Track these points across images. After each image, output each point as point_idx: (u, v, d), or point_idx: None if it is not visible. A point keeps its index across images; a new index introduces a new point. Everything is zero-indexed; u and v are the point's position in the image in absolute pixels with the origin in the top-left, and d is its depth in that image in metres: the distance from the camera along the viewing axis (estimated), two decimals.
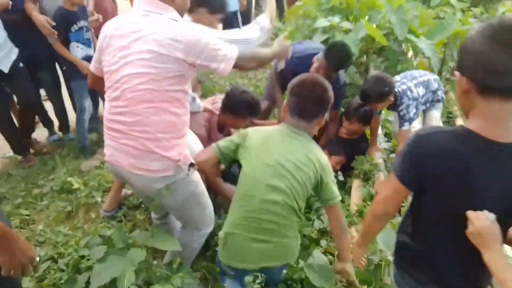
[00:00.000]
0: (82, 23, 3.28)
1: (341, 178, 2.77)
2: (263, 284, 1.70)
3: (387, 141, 3.35)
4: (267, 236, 1.60)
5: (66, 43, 3.23)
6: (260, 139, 1.69)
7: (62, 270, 2.08)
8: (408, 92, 2.58)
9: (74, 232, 2.56)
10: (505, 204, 1.07)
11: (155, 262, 1.83)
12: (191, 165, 1.79)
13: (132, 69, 1.63)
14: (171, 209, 2.00)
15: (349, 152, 2.98)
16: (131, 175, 1.76)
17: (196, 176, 1.87)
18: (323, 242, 2.23)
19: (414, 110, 2.58)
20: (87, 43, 3.39)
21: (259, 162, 1.63)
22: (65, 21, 3.16)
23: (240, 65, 1.79)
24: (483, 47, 1.00)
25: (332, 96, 1.73)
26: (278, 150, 1.63)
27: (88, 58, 3.25)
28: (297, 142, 1.66)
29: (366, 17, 4.65)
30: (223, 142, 1.76)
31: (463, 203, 1.09)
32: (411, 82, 2.63)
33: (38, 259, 1.26)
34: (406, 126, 2.59)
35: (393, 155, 3.01)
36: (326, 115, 1.78)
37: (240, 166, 1.75)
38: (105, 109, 1.78)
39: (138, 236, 1.85)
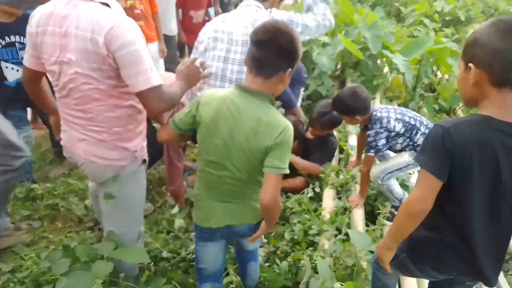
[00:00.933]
0: (14, 38, 2.66)
1: (317, 189, 2.78)
2: None
3: None
4: (229, 198, 1.61)
5: None
6: (211, 112, 1.51)
7: (22, 283, 1.95)
8: (384, 120, 2.36)
9: (38, 241, 2.43)
10: None
11: (122, 274, 1.74)
12: (144, 161, 1.78)
13: (71, 69, 1.54)
14: (107, 207, 1.82)
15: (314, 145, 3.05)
16: (86, 162, 1.71)
17: (142, 177, 1.83)
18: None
19: (383, 142, 2.36)
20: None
21: (210, 141, 1.53)
22: None
23: (148, 99, 1.56)
24: (500, 42, 1.07)
25: (300, 50, 1.49)
26: (227, 128, 1.48)
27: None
28: (249, 112, 1.47)
29: (343, 32, 4.74)
30: (179, 117, 1.62)
31: (495, 186, 1.15)
32: (394, 114, 2.41)
33: None
34: (370, 153, 2.40)
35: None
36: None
37: None
38: (57, 103, 1.70)
39: (103, 248, 1.76)
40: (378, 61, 4.78)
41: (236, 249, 1.97)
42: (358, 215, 2.46)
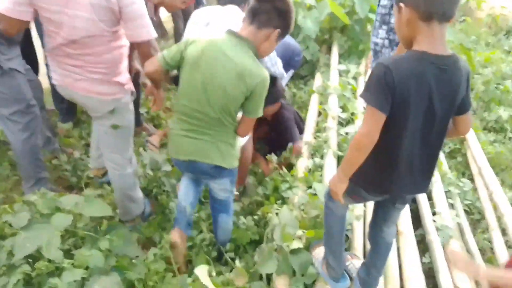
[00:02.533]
0: None
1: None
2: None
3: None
4: (196, 134, 1.70)
5: None
6: (198, 50, 1.64)
7: None
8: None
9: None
10: (450, 103, 1.30)
11: (81, 224, 1.75)
12: (132, 93, 2.02)
13: (79, 22, 1.68)
14: (110, 136, 2.03)
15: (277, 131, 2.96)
16: (84, 98, 1.91)
17: (132, 107, 2.06)
18: None
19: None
20: None
21: (191, 74, 1.65)
22: None
23: (145, 48, 1.84)
24: None
25: (292, 17, 1.66)
26: (210, 65, 1.61)
27: None
28: (235, 55, 1.59)
29: None
30: (169, 52, 1.72)
31: (427, 114, 1.28)
32: None
33: None
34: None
35: None
36: None
37: None
38: (52, 47, 1.80)
39: (65, 201, 1.76)
40: (369, 27, 4.68)
41: (210, 199, 2.01)
42: (330, 172, 2.46)
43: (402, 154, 1.34)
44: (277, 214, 2.04)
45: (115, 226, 1.84)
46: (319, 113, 3.29)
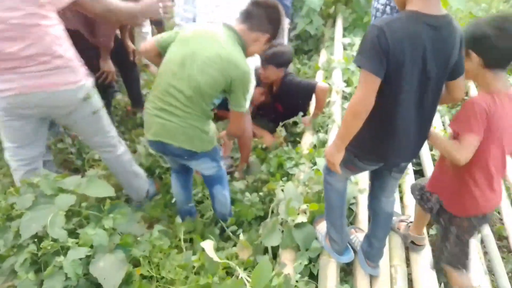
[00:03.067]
0: None
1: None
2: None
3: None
4: (166, 114, 1.70)
5: None
6: (189, 31, 1.71)
7: None
8: None
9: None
10: (445, 65, 1.27)
11: (84, 204, 1.77)
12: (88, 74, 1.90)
13: (20, 12, 1.56)
14: (92, 122, 1.97)
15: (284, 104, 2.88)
16: (50, 96, 1.74)
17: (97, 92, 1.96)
18: None
19: None
20: None
21: (177, 49, 1.69)
22: None
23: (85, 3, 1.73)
24: None
25: (279, 26, 1.77)
26: (195, 47, 1.65)
27: None
28: (224, 42, 1.65)
29: None
30: (165, 35, 1.78)
31: (422, 76, 1.25)
32: None
33: None
34: None
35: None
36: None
37: None
38: None
39: (68, 182, 1.77)
40: None
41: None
42: None
43: (397, 119, 1.32)
44: (282, 190, 2.04)
45: (119, 205, 1.85)
46: None
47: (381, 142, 1.38)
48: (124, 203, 2.14)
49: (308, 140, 2.62)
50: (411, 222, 1.91)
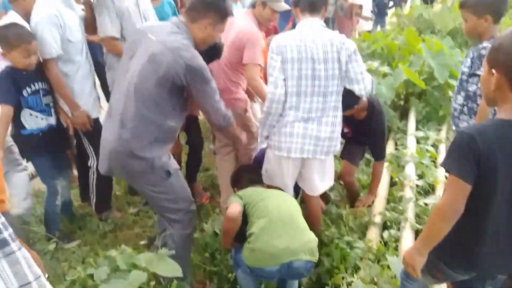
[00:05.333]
0: (38, 85, 2.50)
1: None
2: None
3: None
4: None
5: (17, 111, 2.44)
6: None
7: (74, 284, 2.11)
8: None
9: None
10: None
11: (152, 283, 1.83)
12: None
13: None
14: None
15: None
16: None
17: None
18: None
19: None
20: (47, 110, 2.57)
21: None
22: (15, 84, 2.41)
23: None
24: None
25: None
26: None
27: (46, 131, 2.55)
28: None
29: (408, 63, 4.60)
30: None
31: None
32: None
33: (46, 275, 1.25)
34: None
35: None
36: None
37: None
38: None
39: (142, 259, 1.87)
40: (450, 92, 4.51)
41: None
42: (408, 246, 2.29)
43: (488, 225, 1.27)
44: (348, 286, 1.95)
45: (183, 287, 1.88)
46: (391, 181, 3.16)
47: (471, 247, 1.31)
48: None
49: (375, 233, 2.51)
50: None
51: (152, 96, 1.88)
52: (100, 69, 3.13)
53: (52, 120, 2.60)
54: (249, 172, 2.45)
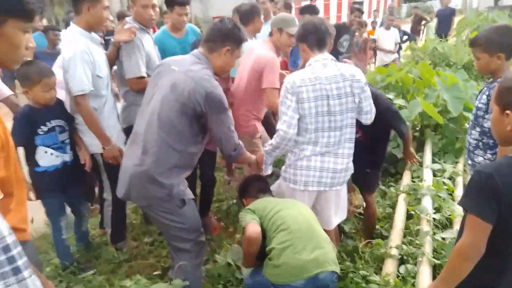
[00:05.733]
0: (54, 122, 2.54)
1: None
2: None
3: None
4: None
5: (31, 149, 2.49)
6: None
7: None
8: None
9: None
10: None
11: None
12: None
13: None
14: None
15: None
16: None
17: None
18: None
19: None
20: (63, 147, 2.60)
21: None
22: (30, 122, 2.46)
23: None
24: None
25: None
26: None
27: (61, 169, 2.58)
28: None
29: (423, 95, 4.62)
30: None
31: None
32: None
33: None
34: None
35: None
36: None
37: None
38: None
39: None
40: (466, 124, 4.49)
41: None
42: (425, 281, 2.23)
43: (509, 265, 1.25)
44: None
45: None
46: (408, 214, 3.11)
47: (492, 286, 1.29)
48: None
49: (390, 266, 2.45)
50: None
51: (173, 123, 1.96)
52: None
53: (67, 157, 2.62)
54: (257, 181, 2.45)
